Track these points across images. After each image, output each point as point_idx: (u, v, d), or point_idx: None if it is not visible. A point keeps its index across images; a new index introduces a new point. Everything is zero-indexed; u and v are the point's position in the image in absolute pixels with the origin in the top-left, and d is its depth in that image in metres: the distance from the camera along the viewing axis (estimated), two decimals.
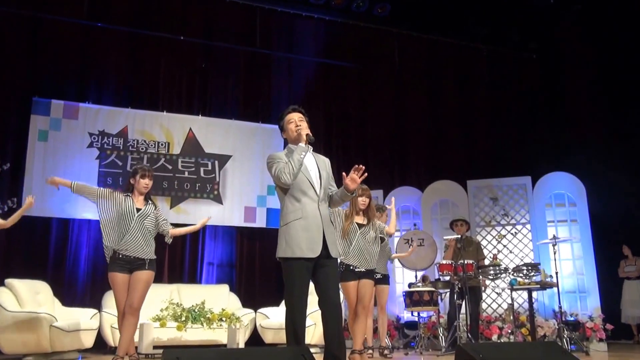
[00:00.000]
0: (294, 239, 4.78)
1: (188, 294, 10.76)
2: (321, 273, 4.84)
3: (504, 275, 9.79)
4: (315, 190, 4.94)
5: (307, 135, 5.00)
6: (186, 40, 12.54)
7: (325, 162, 5.23)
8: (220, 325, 9.92)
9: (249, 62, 13.27)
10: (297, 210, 4.86)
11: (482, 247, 10.64)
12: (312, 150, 5.17)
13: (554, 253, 9.53)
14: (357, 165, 4.93)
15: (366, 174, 4.96)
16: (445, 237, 10.08)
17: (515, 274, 9.71)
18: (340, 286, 6.73)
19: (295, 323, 4.72)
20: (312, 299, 4.75)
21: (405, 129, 14.17)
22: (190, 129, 12.29)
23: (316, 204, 4.91)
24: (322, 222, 4.87)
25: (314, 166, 5.08)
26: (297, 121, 5.13)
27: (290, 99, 13.40)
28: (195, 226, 7.60)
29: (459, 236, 9.83)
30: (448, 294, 10.22)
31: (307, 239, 4.77)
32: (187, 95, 12.70)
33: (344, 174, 4.98)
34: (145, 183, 7.02)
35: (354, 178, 4.92)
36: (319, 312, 4.82)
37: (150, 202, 7.10)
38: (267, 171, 5.16)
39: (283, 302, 10.93)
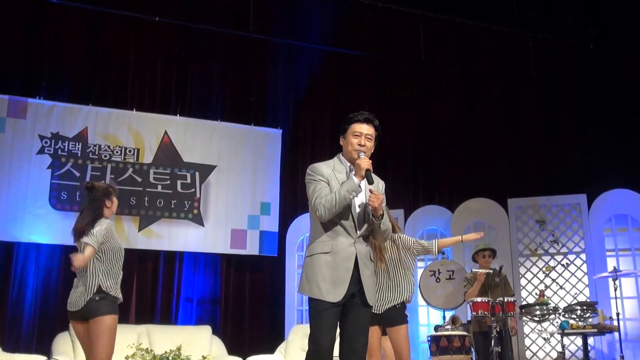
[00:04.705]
0: (315, 275, 4.92)
1: (160, 338, 10.74)
2: (351, 318, 4.98)
3: (552, 316, 9.81)
4: (355, 228, 5.04)
5: (366, 171, 4.97)
6: (162, 22, 12.59)
7: (378, 188, 5.18)
8: None
9: (240, 49, 13.37)
10: (327, 243, 4.98)
11: (510, 282, 10.55)
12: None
13: (615, 290, 9.56)
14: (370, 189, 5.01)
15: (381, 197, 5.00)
16: (475, 270, 10.02)
17: (566, 315, 9.73)
18: None
19: None
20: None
21: (433, 134, 14.19)
22: (166, 132, 12.36)
23: (352, 240, 5.00)
24: (355, 263, 4.95)
25: (361, 195, 5.11)
26: (364, 137, 5.21)
27: (291, 95, 13.50)
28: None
29: (491, 271, 9.76)
30: (477, 338, 10.11)
31: (331, 278, 4.89)
32: (162, 90, 12.79)
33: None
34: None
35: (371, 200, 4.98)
36: None
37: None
38: (260, 185, 5.25)
39: (278, 348, 11.02)
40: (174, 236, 12.01)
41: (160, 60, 12.78)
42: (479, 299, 9.47)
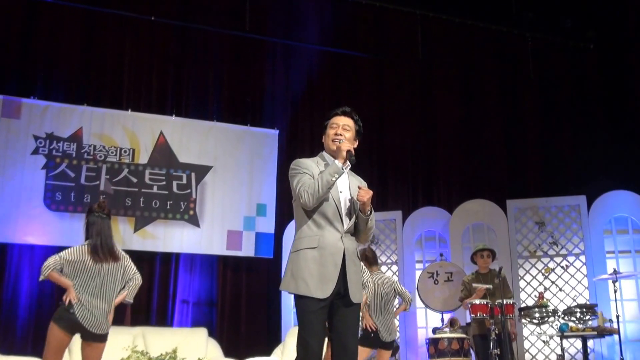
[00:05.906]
0: (301, 271, 4.84)
1: (156, 340, 10.67)
2: (338, 319, 4.90)
3: (552, 319, 9.75)
4: (342, 222, 4.94)
5: (347, 152, 4.92)
6: (157, 22, 12.57)
7: (362, 186, 5.14)
8: None
9: (236, 49, 13.34)
10: (314, 238, 4.89)
11: (509, 284, 10.47)
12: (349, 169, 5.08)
13: (615, 292, 9.51)
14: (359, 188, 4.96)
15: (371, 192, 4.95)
16: (475, 284, 9.85)
17: (566, 318, 9.67)
18: None
19: None
20: None
21: (432, 135, 14.18)
22: (161, 132, 12.32)
23: (340, 235, 4.91)
24: (343, 258, 4.87)
25: (346, 190, 5.07)
26: (340, 128, 5.13)
27: (288, 96, 13.44)
28: None
29: (490, 286, 9.63)
30: (477, 341, 10.05)
31: (318, 274, 4.79)
32: (157, 90, 12.76)
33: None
34: None
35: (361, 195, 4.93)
36: None
37: None
38: (256, 186, 5.18)
39: (275, 350, 10.97)
40: (170, 237, 11.95)
41: (155, 60, 12.74)
42: (477, 301, 9.40)
